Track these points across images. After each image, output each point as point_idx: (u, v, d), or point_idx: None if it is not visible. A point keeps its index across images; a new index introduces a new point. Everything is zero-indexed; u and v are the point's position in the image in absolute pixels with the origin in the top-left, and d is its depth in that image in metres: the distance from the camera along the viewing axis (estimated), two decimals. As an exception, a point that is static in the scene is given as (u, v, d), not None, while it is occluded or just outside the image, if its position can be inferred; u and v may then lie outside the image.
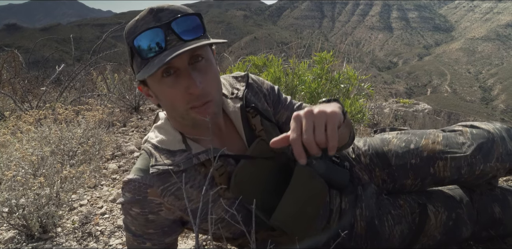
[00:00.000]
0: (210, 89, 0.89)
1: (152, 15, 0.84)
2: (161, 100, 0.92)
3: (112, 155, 2.60)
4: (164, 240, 0.99)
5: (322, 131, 0.73)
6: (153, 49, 0.83)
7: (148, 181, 0.92)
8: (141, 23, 0.85)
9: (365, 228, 1.12)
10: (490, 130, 1.09)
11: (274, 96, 1.16)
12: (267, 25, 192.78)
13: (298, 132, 0.74)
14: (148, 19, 0.84)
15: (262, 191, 1.00)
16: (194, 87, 0.84)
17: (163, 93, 0.89)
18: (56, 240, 1.61)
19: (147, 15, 0.85)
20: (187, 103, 0.88)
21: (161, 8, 0.85)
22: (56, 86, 4.44)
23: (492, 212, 1.18)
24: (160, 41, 0.83)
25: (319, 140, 0.73)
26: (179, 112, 0.91)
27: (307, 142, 0.73)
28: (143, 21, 0.85)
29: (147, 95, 0.95)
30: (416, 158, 1.13)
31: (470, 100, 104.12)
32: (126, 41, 0.87)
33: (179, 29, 0.83)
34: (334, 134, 0.73)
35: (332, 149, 0.73)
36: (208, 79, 0.88)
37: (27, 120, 2.22)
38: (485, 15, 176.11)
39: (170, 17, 0.84)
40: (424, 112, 4.77)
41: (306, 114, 0.75)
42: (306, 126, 0.74)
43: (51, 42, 70.02)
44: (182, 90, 0.86)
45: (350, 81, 2.54)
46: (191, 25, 0.85)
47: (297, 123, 0.76)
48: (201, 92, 0.86)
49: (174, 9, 0.86)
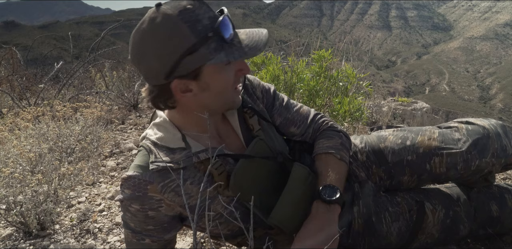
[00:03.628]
0: None
1: (206, 6, 0.87)
2: (212, 90, 0.91)
3: (110, 152, 2.60)
4: (163, 236, 0.99)
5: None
6: (231, 35, 0.88)
7: (148, 177, 0.92)
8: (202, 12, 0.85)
9: (363, 226, 1.13)
10: (485, 126, 1.10)
11: (269, 99, 1.16)
12: (266, 23, 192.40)
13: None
14: (205, 8, 0.86)
15: (260, 190, 1.01)
16: (247, 68, 0.95)
17: (220, 80, 0.91)
18: (54, 237, 1.61)
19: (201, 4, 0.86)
20: (235, 84, 0.97)
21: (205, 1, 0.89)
22: (55, 84, 4.42)
23: (489, 210, 1.19)
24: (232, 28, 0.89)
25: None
26: (228, 95, 0.96)
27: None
28: (202, 10, 0.85)
29: (184, 91, 0.90)
30: (413, 154, 1.13)
31: (468, 99, 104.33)
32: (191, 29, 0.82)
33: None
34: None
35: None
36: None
37: (25, 117, 2.22)
38: (484, 14, 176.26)
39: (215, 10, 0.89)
40: (422, 111, 4.78)
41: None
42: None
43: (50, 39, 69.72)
44: (234, 74, 0.93)
45: (348, 79, 2.54)
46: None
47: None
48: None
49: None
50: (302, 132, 1.18)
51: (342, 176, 1.07)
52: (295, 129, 1.18)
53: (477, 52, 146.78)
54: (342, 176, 1.07)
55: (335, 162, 1.09)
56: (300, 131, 1.18)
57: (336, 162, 1.09)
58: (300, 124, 1.18)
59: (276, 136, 1.13)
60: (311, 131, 1.19)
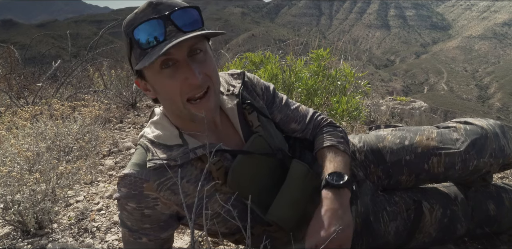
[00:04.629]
0: (208, 80, 0.90)
1: (151, 8, 0.85)
2: (159, 93, 0.92)
3: (108, 151, 2.59)
4: (160, 235, 0.99)
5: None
6: (152, 40, 0.83)
7: (144, 175, 0.92)
8: (140, 15, 0.85)
9: (361, 225, 1.13)
10: (483, 126, 1.10)
11: (269, 96, 1.17)
12: (264, 22, 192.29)
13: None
14: (147, 11, 0.85)
15: (259, 186, 1.00)
16: (194, 77, 0.85)
17: (161, 85, 0.89)
18: (52, 236, 1.61)
19: (146, 7, 0.86)
20: (185, 94, 0.88)
21: (160, 2, 0.86)
22: (53, 82, 4.41)
23: (486, 209, 1.19)
24: (159, 32, 0.83)
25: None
26: (177, 105, 0.91)
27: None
28: (143, 13, 0.85)
29: (145, 90, 0.95)
30: (411, 154, 1.13)
31: (467, 98, 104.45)
32: (125, 33, 0.87)
33: (178, 21, 0.84)
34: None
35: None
36: (207, 71, 0.89)
37: (22, 116, 2.21)
38: (482, 14, 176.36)
39: (169, 10, 0.85)
40: (421, 110, 4.78)
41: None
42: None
43: (48, 38, 69.61)
44: (180, 81, 0.86)
45: (347, 79, 2.54)
46: (190, 17, 0.86)
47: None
48: (200, 83, 0.87)
49: (173, 3, 0.88)
50: (302, 128, 1.19)
51: (347, 165, 1.07)
52: (295, 125, 1.19)
53: (476, 51, 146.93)
54: (347, 165, 1.07)
55: (339, 153, 1.09)
56: (301, 127, 1.19)
57: (340, 153, 1.09)
58: (300, 120, 1.18)
59: (275, 132, 1.13)
60: (311, 127, 1.19)
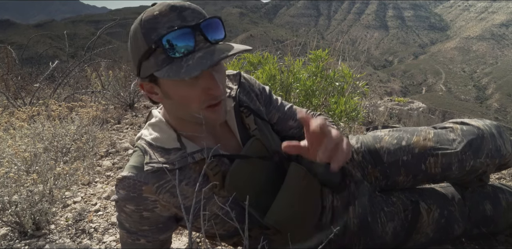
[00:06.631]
0: (225, 89, 0.92)
1: (176, 13, 0.82)
2: (173, 99, 0.90)
3: (106, 152, 2.59)
4: (158, 237, 0.99)
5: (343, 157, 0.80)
6: (184, 49, 0.81)
7: (143, 178, 0.92)
8: (164, 20, 0.82)
9: (358, 225, 1.13)
10: (480, 126, 1.10)
11: (266, 96, 1.18)
12: (263, 23, 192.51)
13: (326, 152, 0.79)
14: (172, 17, 0.82)
15: (257, 190, 1.00)
16: (217, 88, 0.86)
17: (178, 93, 0.87)
18: (49, 237, 1.61)
19: (169, 12, 0.82)
20: (203, 103, 0.88)
21: (184, 7, 0.83)
22: (50, 83, 4.40)
23: (483, 210, 1.20)
24: (190, 42, 0.82)
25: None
26: (193, 110, 0.89)
27: (328, 159, 0.79)
28: (166, 18, 0.82)
29: (150, 93, 0.92)
30: (408, 155, 1.14)
31: (465, 99, 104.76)
32: (145, 36, 0.83)
33: (207, 31, 0.83)
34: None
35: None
36: (223, 80, 0.91)
37: (20, 116, 2.21)
38: (480, 15, 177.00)
39: (195, 18, 0.83)
40: (419, 111, 4.79)
41: (335, 141, 0.79)
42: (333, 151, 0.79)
43: (45, 38, 69.47)
44: (200, 91, 0.86)
45: (345, 79, 2.54)
46: (216, 27, 0.85)
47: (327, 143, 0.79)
48: (221, 93, 0.88)
49: (196, 9, 0.85)
50: (298, 124, 1.21)
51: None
52: (292, 122, 1.21)
53: (474, 52, 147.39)
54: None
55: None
56: (297, 123, 1.21)
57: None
58: (295, 117, 1.21)
59: (272, 135, 1.14)
60: None
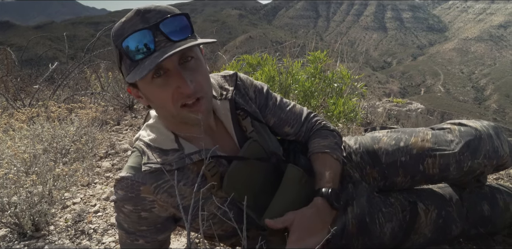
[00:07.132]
0: (201, 86, 0.90)
1: (140, 17, 0.84)
2: (152, 101, 0.92)
3: (105, 153, 2.59)
4: (157, 237, 0.99)
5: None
6: (142, 50, 0.82)
7: (141, 179, 0.92)
8: (128, 25, 0.84)
9: (357, 226, 1.13)
10: (477, 127, 1.11)
11: (261, 99, 1.17)
12: (262, 24, 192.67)
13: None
14: (135, 20, 0.84)
15: (254, 191, 1.01)
16: (185, 86, 0.85)
17: (154, 94, 0.89)
18: (49, 238, 1.61)
19: (134, 16, 0.84)
20: (177, 102, 0.88)
21: (148, 9, 0.84)
22: (49, 84, 4.41)
23: (481, 210, 1.20)
24: (149, 43, 0.82)
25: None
26: (171, 111, 0.91)
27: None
28: (130, 23, 0.84)
29: (137, 97, 0.95)
30: (406, 155, 1.14)
31: (463, 100, 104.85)
32: (114, 44, 0.87)
33: (167, 30, 0.83)
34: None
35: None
36: (199, 78, 0.89)
37: (19, 118, 2.21)
38: (478, 16, 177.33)
39: (158, 18, 0.83)
40: (417, 112, 4.81)
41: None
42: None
43: (45, 40, 69.40)
44: (172, 90, 0.86)
45: (343, 81, 2.55)
46: (179, 25, 0.85)
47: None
48: (192, 91, 0.86)
49: (161, 10, 0.85)
50: (296, 131, 1.19)
51: (338, 176, 1.10)
52: (289, 129, 1.19)
53: (472, 53, 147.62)
54: (338, 176, 1.10)
55: (332, 162, 1.11)
56: (294, 130, 1.19)
57: (333, 162, 1.11)
58: (294, 123, 1.19)
59: (269, 136, 1.14)
60: (305, 129, 1.20)
